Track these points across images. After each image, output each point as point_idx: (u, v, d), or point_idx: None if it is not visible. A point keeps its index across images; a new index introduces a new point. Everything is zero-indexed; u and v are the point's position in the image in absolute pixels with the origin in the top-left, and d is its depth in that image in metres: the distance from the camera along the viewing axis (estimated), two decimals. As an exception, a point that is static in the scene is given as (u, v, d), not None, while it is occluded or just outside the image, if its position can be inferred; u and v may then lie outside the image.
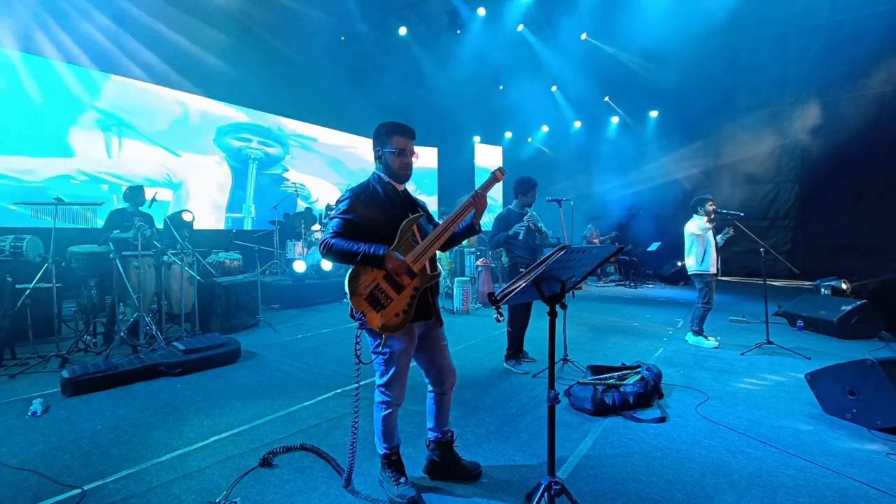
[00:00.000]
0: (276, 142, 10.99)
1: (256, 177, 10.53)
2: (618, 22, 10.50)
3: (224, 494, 2.08)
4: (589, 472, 2.31)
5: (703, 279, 4.79)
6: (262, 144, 10.65)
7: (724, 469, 2.33)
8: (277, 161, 11.03)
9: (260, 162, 10.64)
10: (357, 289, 1.95)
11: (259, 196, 10.47)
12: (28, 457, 2.43)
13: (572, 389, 3.18)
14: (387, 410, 2.06)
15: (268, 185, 10.78)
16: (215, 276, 5.73)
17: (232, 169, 9.99)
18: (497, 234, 4.03)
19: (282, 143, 11.11)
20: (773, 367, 4.07)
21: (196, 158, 9.22)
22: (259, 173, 10.63)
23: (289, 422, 2.90)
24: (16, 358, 4.09)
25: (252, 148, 10.43)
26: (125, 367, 3.61)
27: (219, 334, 4.46)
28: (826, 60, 9.81)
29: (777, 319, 5.82)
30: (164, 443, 2.60)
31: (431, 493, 2.12)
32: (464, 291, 6.92)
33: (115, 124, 7.88)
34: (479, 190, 2.06)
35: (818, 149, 10.23)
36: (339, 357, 4.38)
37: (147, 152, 8.34)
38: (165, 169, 8.65)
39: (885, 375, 2.70)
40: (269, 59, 10.40)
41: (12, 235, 4.80)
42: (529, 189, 4.04)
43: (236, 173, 10.10)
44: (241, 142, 10.17)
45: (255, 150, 10.49)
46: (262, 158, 10.66)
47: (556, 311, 1.85)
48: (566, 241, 3.35)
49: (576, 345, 4.75)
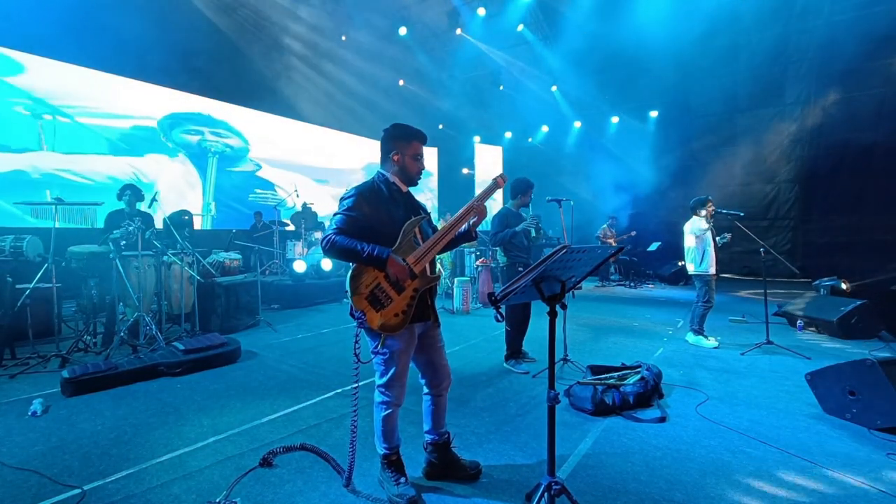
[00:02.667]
0: (237, 135, 10.55)
1: (217, 173, 10.07)
2: (618, 22, 10.50)
3: (224, 494, 2.07)
4: (589, 471, 2.31)
5: (702, 279, 4.79)
6: (219, 136, 10.06)
7: (724, 469, 2.33)
8: (242, 156, 10.60)
9: (221, 156, 10.13)
10: (358, 287, 1.96)
11: (221, 193, 10.09)
12: (28, 457, 2.43)
13: (572, 389, 3.18)
14: (387, 411, 2.06)
15: (239, 183, 10.44)
16: (215, 276, 5.73)
17: (195, 165, 9.62)
18: (500, 231, 3.99)
19: (250, 136, 10.73)
20: (773, 367, 4.07)
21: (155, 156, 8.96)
22: (223, 169, 10.17)
23: (289, 422, 2.90)
24: (16, 358, 4.09)
25: (210, 141, 9.88)
26: (125, 367, 3.61)
27: (219, 334, 4.46)
28: (826, 60, 9.81)
29: (777, 319, 5.82)
30: (164, 443, 2.60)
31: (431, 492, 2.12)
32: (464, 291, 6.92)
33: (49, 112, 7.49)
34: (480, 197, 2.08)
35: (818, 149, 10.23)
36: (339, 357, 4.38)
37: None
38: (131, 168, 8.47)
39: (885, 375, 2.70)
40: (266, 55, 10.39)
41: (12, 235, 4.80)
42: (528, 189, 4.04)
43: (198, 170, 9.74)
44: (196, 135, 9.69)
45: (213, 143, 9.92)
46: (222, 152, 10.13)
47: (556, 311, 1.85)
48: (566, 241, 3.35)
49: (576, 345, 4.75)
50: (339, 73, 11.96)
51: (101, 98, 8.17)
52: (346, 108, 12.46)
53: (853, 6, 9.16)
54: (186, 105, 9.62)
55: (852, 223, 9.71)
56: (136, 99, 8.72)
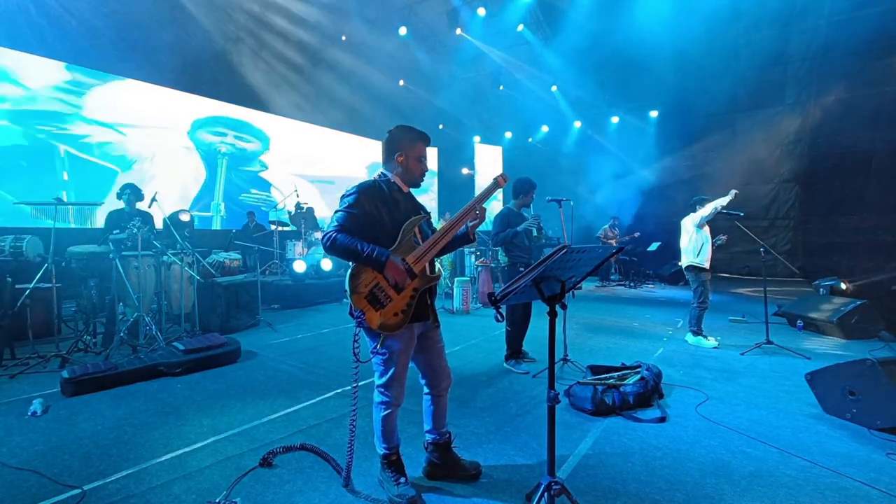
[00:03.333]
0: (254, 137, 10.74)
1: (227, 173, 10.20)
2: (618, 22, 10.50)
3: (224, 494, 2.07)
4: (589, 471, 2.31)
5: (696, 274, 4.78)
6: (236, 139, 10.32)
7: (724, 469, 2.33)
8: (254, 157, 10.76)
9: (231, 157, 10.28)
10: (357, 287, 1.96)
11: (229, 194, 10.22)
12: (28, 457, 2.43)
13: (572, 389, 3.18)
14: (386, 411, 2.06)
15: (241, 184, 10.55)
16: (215, 276, 5.73)
17: (205, 164, 9.77)
18: (502, 230, 3.99)
19: (260, 138, 10.88)
20: (773, 367, 4.07)
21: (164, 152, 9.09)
22: (232, 169, 10.30)
23: (289, 422, 2.90)
24: (16, 358, 4.09)
25: (224, 142, 10.11)
26: (125, 367, 3.61)
27: (219, 334, 4.46)
28: (826, 60, 9.81)
29: (777, 319, 5.82)
30: (164, 443, 2.60)
31: (431, 493, 2.12)
32: (464, 291, 6.92)
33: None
34: (480, 198, 2.08)
35: (818, 149, 10.24)
36: (340, 357, 4.38)
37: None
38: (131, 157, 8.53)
39: (885, 375, 2.70)
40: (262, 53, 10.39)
41: (12, 235, 4.81)
42: (530, 190, 4.05)
43: (208, 169, 9.88)
44: (213, 136, 9.90)
45: (226, 145, 10.12)
46: (234, 153, 10.30)
47: (555, 311, 1.85)
48: (566, 241, 3.35)
49: (576, 345, 4.75)
50: (339, 73, 11.96)
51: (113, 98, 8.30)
52: (346, 108, 12.46)
53: (853, 6, 9.16)
54: (195, 107, 9.76)
55: (852, 223, 9.72)
56: (149, 102, 8.85)
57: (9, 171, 7.02)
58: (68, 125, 7.72)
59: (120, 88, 8.43)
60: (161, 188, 6.10)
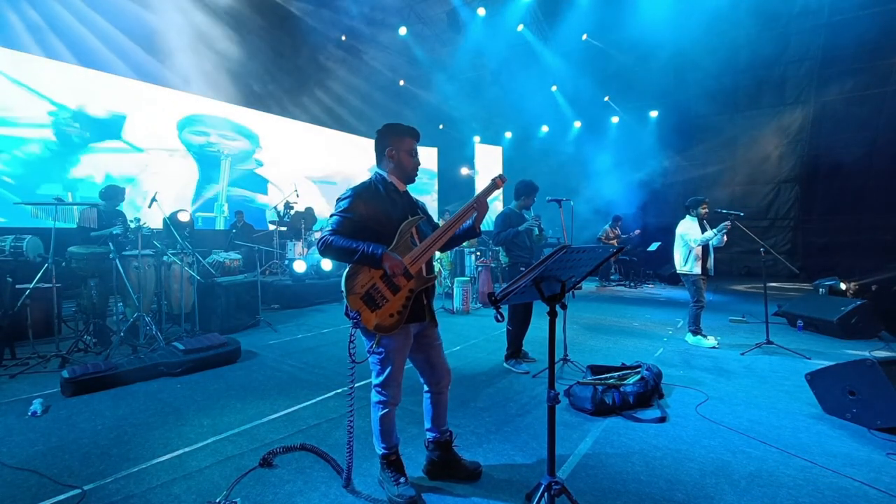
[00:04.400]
0: (254, 136, 10.80)
1: (230, 173, 10.26)
2: (618, 22, 10.50)
3: (224, 494, 2.07)
4: (589, 471, 2.31)
5: (688, 279, 4.82)
6: (227, 139, 10.33)
7: (724, 469, 2.33)
8: (247, 157, 10.82)
9: (233, 158, 10.38)
10: (353, 287, 1.96)
11: (229, 193, 10.26)
12: (28, 457, 2.43)
13: (572, 389, 3.18)
14: (384, 410, 2.05)
15: (242, 184, 10.59)
16: (215, 276, 5.73)
17: (198, 165, 9.78)
18: (503, 230, 4.01)
19: (259, 138, 10.92)
20: (773, 367, 4.07)
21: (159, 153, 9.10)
22: (233, 170, 10.36)
23: (289, 422, 2.90)
24: (16, 358, 4.09)
25: (223, 143, 10.18)
26: (125, 367, 3.61)
27: (219, 334, 4.46)
28: (826, 60, 9.81)
29: (777, 319, 5.82)
30: (164, 443, 2.60)
31: (431, 492, 2.12)
32: (464, 291, 6.92)
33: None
34: (481, 195, 2.08)
35: (818, 149, 10.24)
36: (339, 357, 4.38)
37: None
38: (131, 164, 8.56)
39: (885, 375, 2.70)
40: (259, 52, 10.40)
41: (12, 235, 4.81)
42: (532, 192, 4.06)
43: (209, 169, 9.91)
44: (203, 136, 9.90)
45: (226, 146, 10.21)
46: (234, 154, 10.40)
47: (556, 311, 1.85)
48: (566, 241, 3.35)
49: (576, 345, 4.75)
50: (339, 73, 11.96)
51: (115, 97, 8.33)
52: (345, 108, 12.47)
53: (853, 6, 9.17)
54: (198, 107, 9.78)
55: (852, 223, 9.71)
56: (151, 99, 8.86)
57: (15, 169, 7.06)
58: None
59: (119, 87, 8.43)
60: (161, 188, 6.11)
